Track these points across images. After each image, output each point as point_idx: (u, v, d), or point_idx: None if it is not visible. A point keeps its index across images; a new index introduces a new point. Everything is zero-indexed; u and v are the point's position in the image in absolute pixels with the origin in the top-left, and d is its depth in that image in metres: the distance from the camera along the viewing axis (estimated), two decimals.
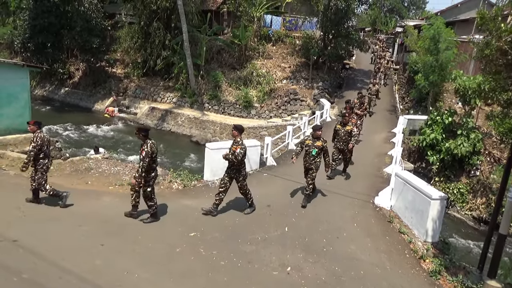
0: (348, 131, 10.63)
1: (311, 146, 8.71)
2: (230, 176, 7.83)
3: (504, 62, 6.67)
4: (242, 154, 7.53)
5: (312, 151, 8.65)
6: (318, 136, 8.72)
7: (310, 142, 8.75)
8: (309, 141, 8.80)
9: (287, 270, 6.42)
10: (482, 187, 14.45)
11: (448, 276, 6.96)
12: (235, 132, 7.81)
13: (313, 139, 8.77)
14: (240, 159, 7.54)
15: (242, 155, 7.53)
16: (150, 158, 6.98)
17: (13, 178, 9.15)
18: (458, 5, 31.34)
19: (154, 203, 7.41)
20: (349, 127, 10.71)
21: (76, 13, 27.99)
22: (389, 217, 8.85)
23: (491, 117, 9.58)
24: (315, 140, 8.73)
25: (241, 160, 7.62)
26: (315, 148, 8.64)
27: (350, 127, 10.72)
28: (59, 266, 5.75)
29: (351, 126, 10.83)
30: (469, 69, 21.13)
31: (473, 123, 15.61)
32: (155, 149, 7.12)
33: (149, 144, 7.02)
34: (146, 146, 6.99)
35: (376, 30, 47.50)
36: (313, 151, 8.64)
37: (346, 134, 10.62)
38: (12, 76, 12.79)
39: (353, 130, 10.73)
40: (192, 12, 26.51)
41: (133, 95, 28.30)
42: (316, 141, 8.71)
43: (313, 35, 27.87)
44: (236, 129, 7.84)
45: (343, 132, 10.66)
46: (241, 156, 7.52)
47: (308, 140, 8.83)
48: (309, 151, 8.69)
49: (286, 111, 23.75)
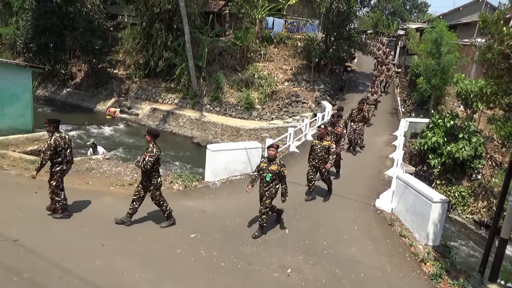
0: (325, 147, 9.12)
1: (265, 170, 7.31)
2: (142, 184, 7.09)
3: (506, 66, 6.66)
4: (151, 163, 6.72)
5: (266, 176, 7.26)
6: (273, 158, 7.33)
7: (265, 166, 7.37)
8: (264, 164, 7.42)
9: (288, 272, 6.41)
10: (484, 191, 14.41)
11: (449, 280, 6.93)
12: (147, 137, 6.93)
13: (268, 162, 7.38)
14: (149, 168, 6.76)
15: (151, 163, 6.72)
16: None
17: (15, 178, 9.16)
18: (460, 9, 31.36)
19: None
20: (327, 142, 9.21)
21: (78, 14, 28.09)
22: (390, 220, 8.83)
23: (493, 120, 9.56)
24: (270, 163, 7.34)
25: (151, 169, 6.83)
26: (269, 172, 7.24)
27: (327, 142, 9.21)
28: (60, 266, 5.76)
29: (329, 141, 9.32)
30: (471, 73, 21.13)
31: (474, 126, 15.60)
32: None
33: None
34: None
35: (378, 33, 47.51)
36: (267, 176, 7.24)
37: (323, 150, 9.13)
38: (15, 77, 12.83)
39: (331, 146, 9.19)
40: (194, 13, 26.60)
41: (134, 96, 28.37)
42: (270, 165, 7.31)
43: (315, 37, 27.90)
44: (149, 133, 6.96)
45: (319, 147, 9.18)
46: (150, 165, 6.73)
47: (263, 163, 7.45)
48: (263, 176, 7.33)
49: (288, 113, 23.75)
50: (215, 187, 9.93)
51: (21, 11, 30.15)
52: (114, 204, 8.28)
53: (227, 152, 10.47)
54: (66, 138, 7.17)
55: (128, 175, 9.98)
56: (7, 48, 34.83)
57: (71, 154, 7.33)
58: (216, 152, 10.27)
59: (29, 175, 7.54)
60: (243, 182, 10.24)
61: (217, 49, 28.22)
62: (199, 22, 27.34)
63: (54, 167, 7.04)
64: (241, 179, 10.38)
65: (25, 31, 28.63)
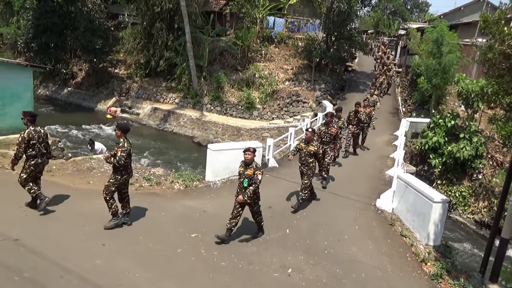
0: (310, 152, 8.66)
1: (242, 175, 6.95)
2: None
3: (507, 66, 6.66)
4: (124, 158, 6.63)
5: (243, 182, 6.91)
6: (249, 162, 6.88)
7: (241, 170, 6.97)
8: (241, 168, 7.00)
9: (288, 271, 6.41)
10: (484, 191, 14.39)
11: (449, 280, 6.93)
12: (117, 131, 6.82)
13: (244, 166, 6.95)
14: (123, 163, 6.66)
15: (124, 158, 6.64)
16: None
17: (16, 177, 9.16)
18: (461, 8, 31.31)
19: None
20: (312, 147, 8.69)
21: (79, 13, 28.10)
22: (390, 220, 8.83)
23: (494, 120, 9.58)
24: (246, 167, 6.91)
25: (124, 164, 6.72)
26: (245, 177, 6.87)
27: (313, 147, 8.69)
28: (60, 266, 5.76)
29: (315, 146, 8.75)
30: (472, 73, 21.10)
31: (475, 126, 15.58)
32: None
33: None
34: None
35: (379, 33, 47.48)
36: (244, 182, 6.88)
37: (308, 155, 8.70)
38: (16, 76, 12.85)
39: (318, 152, 8.76)
40: (195, 13, 26.58)
41: (135, 95, 28.37)
42: (247, 169, 6.89)
43: (315, 37, 27.88)
44: (119, 128, 6.84)
45: (304, 152, 8.75)
46: (123, 160, 6.64)
47: (240, 167, 7.03)
48: (240, 181, 6.99)
49: (288, 112, 23.75)
50: (215, 187, 9.94)
51: (22, 10, 30.16)
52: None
53: (227, 152, 10.47)
54: (41, 132, 7.25)
55: None
56: (8, 47, 34.85)
57: (48, 147, 7.40)
58: (217, 152, 10.28)
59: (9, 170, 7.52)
60: None
61: (218, 49, 28.20)
62: (200, 21, 27.33)
63: (29, 160, 7.14)
64: None
65: (26, 31, 28.64)
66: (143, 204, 8.29)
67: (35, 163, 7.17)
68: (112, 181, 6.83)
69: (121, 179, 6.87)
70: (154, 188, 9.45)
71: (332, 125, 10.59)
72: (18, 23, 31.63)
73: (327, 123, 10.59)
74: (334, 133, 10.45)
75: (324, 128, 10.56)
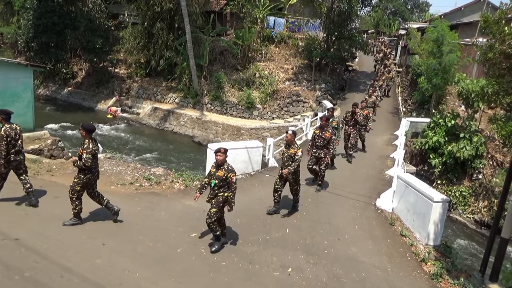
0: (291, 155, 8.17)
1: (212, 176, 6.62)
2: None
3: (507, 66, 6.67)
4: (90, 159, 6.51)
5: (211, 182, 6.60)
6: (221, 163, 6.55)
7: (213, 171, 6.65)
8: (213, 169, 6.70)
9: (288, 271, 6.42)
10: (485, 191, 14.39)
11: (449, 279, 6.93)
12: (82, 132, 6.64)
13: (216, 167, 6.64)
14: (90, 164, 6.53)
15: (90, 160, 6.51)
16: None
17: (15, 176, 9.17)
18: (461, 8, 31.30)
19: None
20: (292, 150, 8.20)
21: (79, 13, 28.14)
22: (390, 220, 8.83)
23: (494, 120, 9.57)
24: (217, 168, 6.59)
25: (90, 166, 6.59)
26: (215, 178, 6.54)
27: (293, 150, 8.20)
28: (60, 265, 5.77)
29: (295, 149, 8.23)
30: (472, 72, 21.10)
31: (476, 126, 15.57)
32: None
33: None
34: None
35: (379, 32, 47.51)
36: (212, 183, 6.57)
37: (289, 159, 8.18)
38: (16, 76, 12.85)
39: (297, 154, 8.21)
40: (196, 13, 26.60)
41: (136, 95, 28.40)
42: (218, 170, 6.57)
43: (316, 36, 27.89)
44: (84, 128, 6.62)
45: (285, 156, 8.31)
46: (90, 162, 6.51)
47: (212, 168, 6.73)
48: (209, 182, 6.66)
49: (289, 112, 23.76)
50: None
51: (22, 10, 30.18)
52: (115, 203, 8.27)
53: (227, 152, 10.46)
54: (17, 129, 7.27)
55: (129, 174, 10.00)
56: (9, 47, 34.91)
57: (22, 144, 7.45)
58: None
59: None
60: (243, 181, 10.27)
61: (218, 49, 28.22)
62: (200, 21, 27.34)
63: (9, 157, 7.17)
64: (242, 178, 10.39)
65: (27, 30, 28.65)
66: (143, 204, 8.30)
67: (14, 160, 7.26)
68: (76, 180, 6.75)
69: (85, 179, 6.72)
70: (154, 188, 9.45)
71: (327, 129, 9.91)
72: (18, 22, 31.64)
73: (322, 127, 9.93)
74: (328, 137, 9.79)
75: (319, 131, 9.93)
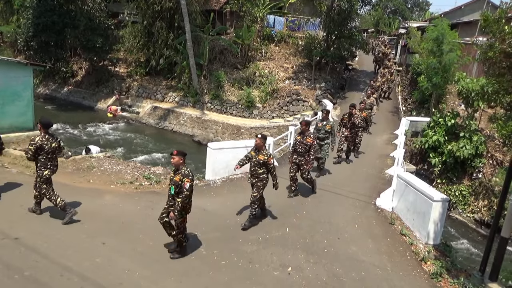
0: (260, 161, 7.60)
1: (170, 182, 6.22)
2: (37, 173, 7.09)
3: (507, 65, 6.65)
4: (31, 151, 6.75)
5: (170, 189, 6.19)
6: (177, 166, 6.10)
7: (171, 176, 6.27)
8: (171, 173, 6.38)
9: (288, 270, 6.42)
10: (484, 190, 14.38)
11: (449, 279, 6.94)
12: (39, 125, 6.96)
13: (174, 171, 6.25)
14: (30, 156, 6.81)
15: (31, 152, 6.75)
16: None
17: (16, 176, 9.18)
18: (461, 7, 31.28)
19: None
20: (262, 156, 7.59)
21: (79, 12, 28.04)
22: (390, 219, 8.83)
23: (494, 119, 9.56)
24: (175, 173, 6.18)
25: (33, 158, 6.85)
26: (173, 184, 6.12)
27: (262, 156, 7.59)
28: (60, 264, 5.77)
29: (265, 155, 7.61)
30: (473, 71, 21.08)
31: (475, 125, 15.56)
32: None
33: None
34: None
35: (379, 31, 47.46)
36: (171, 189, 6.14)
37: (257, 165, 7.64)
38: (16, 75, 12.85)
39: (269, 162, 7.61)
40: (195, 11, 26.57)
41: (135, 94, 28.37)
42: (175, 175, 6.12)
43: (316, 35, 27.85)
44: (41, 122, 6.97)
45: (253, 161, 7.71)
46: (30, 153, 6.77)
47: (172, 172, 6.37)
48: (169, 188, 6.26)
49: (288, 111, 23.73)
50: (215, 186, 9.95)
51: (22, 9, 30.12)
52: (115, 202, 8.30)
53: (227, 151, 10.49)
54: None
55: (129, 173, 10.00)
56: (8, 46, 34.81)
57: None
58: (217, 151, 10.29)
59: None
60: (243, 180, 10.25)
61: (218, 48, 28.18)
62: (200, 20, 27.31)
63: None
64: (242, 178, 10.39)
65: (26, 29, 28.58)
66: (143, 203, 8.31)
67: None
68: (38, 179, 6.92)
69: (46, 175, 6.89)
70: (154, 187, 9.46)
71: (308, 134, 9.22)
72: (18, 21, 31.58)
73: (303, 132, 9.24)
74: (310, 143, 9.12)
75: (300, 137, 9.27)
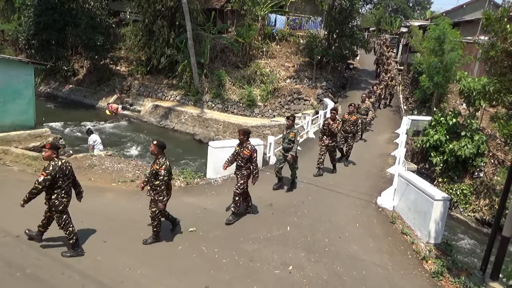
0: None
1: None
2: None
3: (509, 64, 6.64)
4: None
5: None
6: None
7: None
8: None
9: (289, 269, 6.42)
10: (486, 189, 14.37)
11: (450, 278, 6.94)
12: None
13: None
14: None
15: None
16: None
17: (17, 174, 9.20)
18: (463, 6, 31.16)
19: None
20: (246, 151, 7.57)
21: (80, 10, 28.07)
22: (391, 218, 8.83)
23: (496, 118, 9.57)
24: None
25: None
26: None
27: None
28: (61, 262, 5.79)
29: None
30: (474, 71, 21.04)
31: (477, 124, 15.53)
32: None
33: None
34: None
35: (381, 30, 47.38)
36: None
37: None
38: (17, 73, 12.85)
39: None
40: (197, 10, 26.55)
41: (136, 92, 28.39)
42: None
43: (317, 34, 27.81)
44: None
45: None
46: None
47: None
48: None
49: (290, 110, 23.71)
50: (216, 184, 9.95)
51: (23, 7, 30.14)
52: (116, 201, 8.31)
53: (228, 149, 10.43)
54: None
55: (130, 172, 10.00)
56: (10, 44, 34.83)
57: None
58: (218, 149, 10.29)
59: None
60: None
61: (219, 46, 28.17)
62: (201, 19, 27.31)
63: None
64: None
65: (27, 28, 28.62)
66: (144, 201, 8.30)
67: None
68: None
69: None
70: None
71: (246, 145, 7.73)
72: (19, 20, 31.60)
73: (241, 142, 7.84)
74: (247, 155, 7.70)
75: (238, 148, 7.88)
